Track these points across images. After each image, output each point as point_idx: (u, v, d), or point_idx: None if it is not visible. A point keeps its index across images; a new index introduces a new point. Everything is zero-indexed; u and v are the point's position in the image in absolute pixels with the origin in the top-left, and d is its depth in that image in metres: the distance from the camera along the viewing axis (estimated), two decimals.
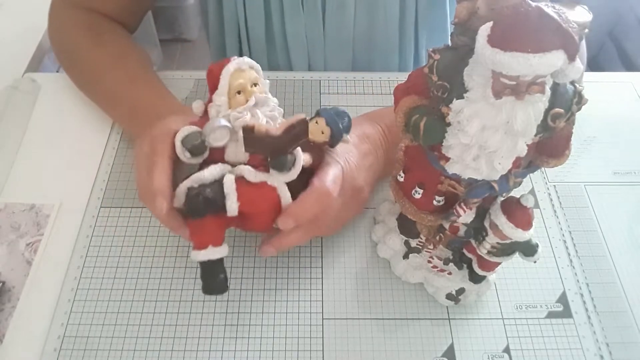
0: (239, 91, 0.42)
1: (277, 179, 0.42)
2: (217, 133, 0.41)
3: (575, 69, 0.31)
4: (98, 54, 0.61)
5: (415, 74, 0.38)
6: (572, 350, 0.46)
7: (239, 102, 0.42)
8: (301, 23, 0.69)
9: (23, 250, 0.52)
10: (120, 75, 0.60)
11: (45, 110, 0.65)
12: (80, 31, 0.63)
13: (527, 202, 0.38)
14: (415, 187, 0.42)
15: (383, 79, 0.68)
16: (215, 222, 0.41)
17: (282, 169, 0.41)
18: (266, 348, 0.46)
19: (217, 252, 0.41)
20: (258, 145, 0.40)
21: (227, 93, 0.42)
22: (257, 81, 0.43)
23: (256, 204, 0.41)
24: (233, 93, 0.42)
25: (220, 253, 0.41)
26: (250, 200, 0.41)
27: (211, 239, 0.41)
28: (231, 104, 0.42)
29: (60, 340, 0.47)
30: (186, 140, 0.41)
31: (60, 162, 0.60)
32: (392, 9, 0.68)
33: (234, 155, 0.42)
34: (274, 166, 0.41)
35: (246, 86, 0.42)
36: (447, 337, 0.47)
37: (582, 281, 0.51)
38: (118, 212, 0.55)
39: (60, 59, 0.66)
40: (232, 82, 0.42)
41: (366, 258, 0.52)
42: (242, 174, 0.41)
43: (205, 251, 0.41)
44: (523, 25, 0.29)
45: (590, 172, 0.59)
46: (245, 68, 0.43)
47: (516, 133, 0.33)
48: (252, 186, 0.41)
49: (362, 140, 0.50)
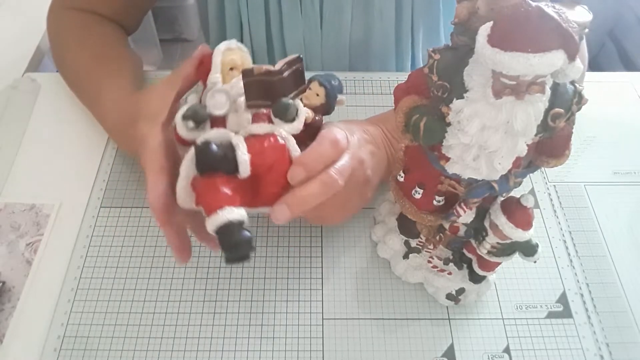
0: (231, 68, 0.42)
1: (283, 129, 0.41)
2: (216, 98, 0.40)
3: (575, 69, 0.31)
4: (79, 56, 0.61)
5: (415, 74, 0.38)
6: (572, 350, 0.46)
7: (232, 77, 0.42)
8: (299, 28, 0.69)
9: (23, 250, 0.52)
10: (94, 78, 0.59)
11: (45, 110, 0.65)
12: (70, 33, 0.63)
13: (527, 202, 0.38)
14: (415, 187, 0.42)
15: (383, 78, 0.68)
16: (228, 183, 0.38)
17: (286, 113, 0.40)
18: (266, 348, 0.46)
19: (235, 213, 0.37)
20: (259, 89, 0.39)
21: (221, 71, 0.42)
22: (246, 59, 0.44)
23: (266, 155, 0.39)
24: (226, 70, 0.42)
25: (239, 214, 0.37)
26: (260, 151, 0.39)
27: (226, 198, 0.37)
28: (225, 81, 0.42)
29: (60, 340, 0.47)
30: (187, 111, 0.40)
31: (60, 162, 0.60)
32: (388, 13, 0.68)
33: (235, 124, 0.41)
34: (277, 112, 0.40)
35: (237, 62, 0.43)
36: (447, 337, 0.47)
37: (582, 281, 0.51)
38: (118, 212, 0.55)
39: (54, 61, 0.66)
40: (224, 59, 0.42)
41: (366, 258, 0.52)
42: (249, 132, 0.40)
43: (222, 211, 0.37)
44: (523, 25, 0.29)
45: (590, 172, 0.59)
46: (234, 47, 0.43)
47: (516, 133, 0.33)
48: (259, 138, 0.40)
49: (364, 132, 0.49)
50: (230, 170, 0.38)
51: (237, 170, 0.38)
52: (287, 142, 0.41)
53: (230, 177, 0.39)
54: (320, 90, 0.45)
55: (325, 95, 0.45)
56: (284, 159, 0.41)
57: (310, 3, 0.67)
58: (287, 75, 0.40)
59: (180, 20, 1.82)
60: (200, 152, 0.38)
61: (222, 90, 0.41)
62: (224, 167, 0.38)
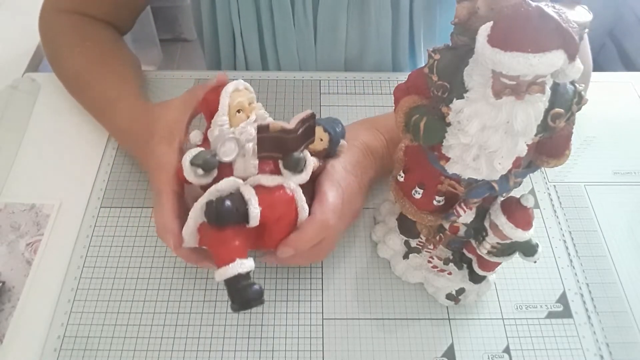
0: (239, 110, 0.43)
1: (292, 181, 0.42)
2: (226, 146, 0.41)
3: (575, 69, 0.31)
4: (78, 60, 0.61)
5: (415, 74, 0.38)
6: (572, 350, 0.46)
7: (239, 119, 0.43)
8: (292, 40, 0.68)
9: (23, 250, 0.52)
10: (97, 82, 0.59)
11: (45, 110, 0.65)
12: (65, 37, 0.63)
13: (527, 202, 0.38)
14: (415, 187, 0.42)
15: (383, 78, 0.68)
16: (237, 234, 0.40)
17: (296, 167, 0.42)
18: (266, 348, 0.46)
19: (245, 265, 0.39)
20: (272, 144, 0.41)
21: (228, 113, 0.43)
22: (253, 100, 0.45)
23: (276, 208, 0.41)
24: (233, 112, 0.43)
25: (248, 266, 0.40)
26: (270, 204, 0.41)
27: (237, 251, 0.40)
28: (232, 123, 0.42)
29: (60, 340, 0.47)
30: (196, 158, 0.41)
31: (60, 162, 0.60)
32: (385, 27, 0.67)
33: (242, 169, 0.42)
34: (287, 166, 0.42)
35: (245, 104, 0.43)
36: (447, 337, 0.47)
37: (582, 281, 0.51)
38: (118, 212, 0.55)
39: (50, 64, 0.65)
40: (232, 101, 0.43)
41: (366, 258, 0.52)
42: (258, 182, 0.41)
43: (233, 264, 0.39)
44: (523, 25, 0.29)
45: (590, 172, 0.59)
46: (241, 88, 0.44)
47: (516, 133, 0.33)
48: (269, 191, 0.41)
49: (365, 155, 0.50)
50: (240, 221, 0.40)
51: (246, 221, 0.40)
52: (295, 193, 0.42)
53: (239, 227, 0.40)
54: (325, 136, 0.46)
55: (329, 141, 0.46)
56: (291, 210, 0.42)
57: (303, 15, 0.65)
58: (301, 134, 0.41)
59: (180, 20, 1.82)
60: (215, 208, 0.39)
61: (233, 139, 0.41)
62: (234, 222, 0.40)
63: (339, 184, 0.46)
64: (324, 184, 0.45)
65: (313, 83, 0.67)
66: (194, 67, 1.73)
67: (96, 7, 0.64)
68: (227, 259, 0.39)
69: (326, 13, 0.65)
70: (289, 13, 0.65)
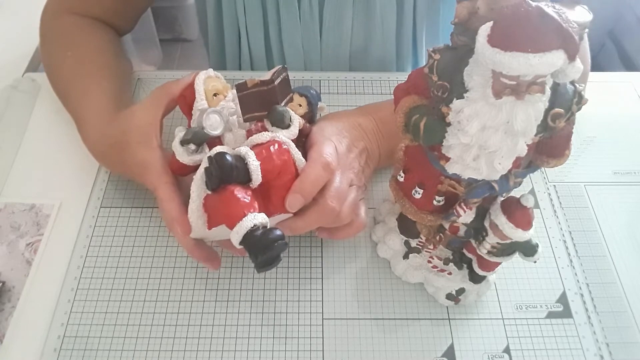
0: (215, 94, 0.45)
1: (283, 136, 0.42)
2: (211, 119, 0.42)
3: (576, 69, 0.31)
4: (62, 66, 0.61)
5: (415, 74, 0.38)
6: (572, 350, 0.46)
7: (218, 101, 0.45)
8: (298, 35, 0.68)
9: (23, 250, 0.52)
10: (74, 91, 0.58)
11: (45, 110, 0.65)
12: (57, 40, 0.62)
13: (527, 202, 0.38)
14: (415, 187, 0.42)
15: (382, 78, 0.68)
16: (244, 192, 0.39)
17: (283, 120, 0.43)
18: (266, 348, 0.46)
19: (258, 217, 0.37)
20: (254, 101, 0.42)
21: (206, 97, 0.45)
22: (226, 86, 0.47)
23: (274, 160, 0.41)
24: (210, 96, 0.45)
25: (261, 217, 0.38)
26: (267, 156, 0.40)
27: (246, 205, 0.38)
28: (212, 105, 0.45)
29: (60, 340, 0.47)
30: (186, 135, 0.42)
31: (60, 162, 0.60)
32: (389, 21, 0.68)
33: (232, 142, 0.44)
34: (274, 121, 0.43)
35: (219, 87, 0.46)
36: (447, 337, 0.47)
37: (582, 281, 0.51)
38: (118, 212, 0.55)
39: (44, 68, 0.65)
40: (207, 87, 0.45)
41: (366, 258, 0.52)
42: (250, 143, 0.42)
43: (246, 218, 0.37)
44: (523, 25, 0.29)
45: (590, 172, 0.59)
46: (212, 76, 0.47)
47: (516, 133, 0.33)
48: (264, 145, 0.41)
49: (354, 127, 0.51)
50: (242, 181, 0.39)
51: (248, 179, 0.39)
52: (290, 146, 0.43)
53: (244, 187, 0.40)
54: (302, 100, 0.48)
55: (308, 104, 0.48)
56: (290, 162, 0.42)
57: (309, 10, 0.66)
58: (278, 84, 0.42)
59: (180, 20, 1.82)
60: (216, 162, 0.39)
61: (215, 111, 0.43)
62: (237, 177, 0.39)
63: (329, 139, 0.46)
64: (315, 138, 0.46)
65: (313, 83, 0.67)
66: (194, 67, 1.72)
67: (97, 8, 0.64)
68: (239, 214, 0.37)
69: (332, 8, 0.66)
70: (295, 8, 0.65)
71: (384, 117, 0.53)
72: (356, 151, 0.49)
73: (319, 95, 0.50)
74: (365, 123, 0.52)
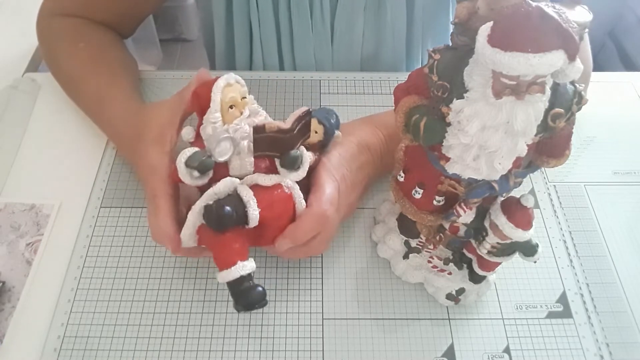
0: (231, 105, 0.42)
1: (289, 179, 0.42)
2: (221, 146, 0.40)
3: (575, 69, 0.31)
4: (74, 61, 0.61)
5: (415, 74, 0.38)
6: (572, 350, 0.46)
7: (232, 115, 0.42)
8: (310, 44, 0.69)
9: (23, 250, 0.52)
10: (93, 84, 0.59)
11: (45, 110, 0.65)
12: (62, 39, 0.62)
13: (527, 202, 0.38)
14: (415, 187, 0.42)
15: (383, 78, 0.68)
16: (237, 236, 0.40)
17: (294, 165, 0.41)
18: (266, 348, 0.46)
19: (246, 267, 0.40)
20: (269, 144, 0.40)
21: (221, 109, 0.41)
22: (245, 94, 0.43)
23: (275, 208, 0.41)
24: (226, 108, 0.42)
25: (250, 267, 0.40)
26: (269, 204, 0.41)
27: (238, 254, 0.40)
28: (225, 120, 0.41)
29: (60, 340, 0.47)
30: (191, 160, 0.40)
31: (60, 162, 0.60)
32: (400, 28, 0.68)
33: (239, 168, 0.42)
34: (284, 164, 0.42)
35: (237, 99, 0.42)
36: (447, 337, 0.47)
37: (582, 281, 0.51)
38: (118, 212, 0.55)
39: (48, 68, 0.65)
40: (224, 97, 0.42)
41: (366, 258, 0.52)
42: (255, 182, 0.41)
43: (234, 267, 0.39)
44: (523, 25, 0.29)
45: (590, 172, 0.59)
46: (232, 82, 0.43)
47: (516, 133, 0.33)
48: (267, 190, 0.41)
49: (361, 150, 0.50)
50: (239, 223, 0.40)
51: (246, 222, 0.40)
52: (293, 191, 0.42)
53: (239, 229, 0.40)
54: (320, 128, 0.46)
55: (324, 133, 0.46)
56: (290, 207, 0.42)
57: (320, 19, 0.66)
58: (297, 131, 0.41)
59: (180, 20, 1.82)
60: (215, 214, 0.39)
61: (228, 138, 0.41)
62: (233, 224, 0.40)
63: (334, 176, 0.46)
64: (320, 176, 0.45)
65: (313, 83, 0.67)
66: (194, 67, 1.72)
67: (100, 13, 0.64)
68: (229, 261, 0.39)
69: (344, 16, 0.66)
70: (307, 17, 0.66)
71: (392, 134, 0.52)
72: (359, 189, 0.50)
73: (338, 122, 0.48)
74: (373, 143, 0.51)
